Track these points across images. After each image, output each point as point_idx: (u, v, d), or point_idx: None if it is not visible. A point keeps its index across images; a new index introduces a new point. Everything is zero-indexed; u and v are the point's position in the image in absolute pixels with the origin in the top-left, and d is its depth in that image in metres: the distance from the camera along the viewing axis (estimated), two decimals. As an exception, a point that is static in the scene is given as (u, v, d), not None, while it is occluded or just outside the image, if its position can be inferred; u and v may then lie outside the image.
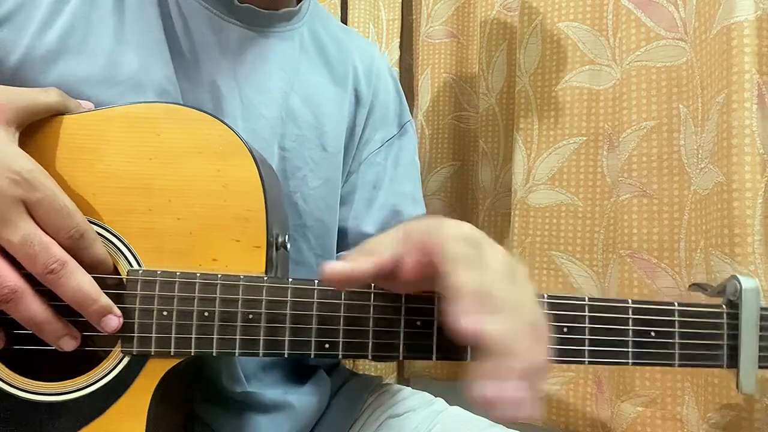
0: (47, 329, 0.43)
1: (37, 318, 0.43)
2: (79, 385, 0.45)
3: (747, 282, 0.51)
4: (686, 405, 0.75)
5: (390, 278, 0.43)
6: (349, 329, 0.46)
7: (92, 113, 0.48)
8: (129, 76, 0.54)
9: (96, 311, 0.44)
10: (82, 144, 0.46)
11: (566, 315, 0.47)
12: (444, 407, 0.70)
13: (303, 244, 0.65)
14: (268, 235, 0.47)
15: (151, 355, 0.46)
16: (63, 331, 0.44)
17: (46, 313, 0.43)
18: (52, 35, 0.53)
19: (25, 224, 0.42)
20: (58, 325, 0.44)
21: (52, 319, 0.43)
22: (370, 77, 0.73)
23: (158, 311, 0.45)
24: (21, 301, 0.42)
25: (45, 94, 0.47)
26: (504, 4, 1.02)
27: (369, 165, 0.71)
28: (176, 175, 0.47)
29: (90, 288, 0.44)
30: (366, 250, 0.44)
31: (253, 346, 0.46)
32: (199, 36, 0.59)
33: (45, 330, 0.43)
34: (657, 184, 0.80)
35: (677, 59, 0.79)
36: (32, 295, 0.43)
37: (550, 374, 0.90)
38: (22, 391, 0.45)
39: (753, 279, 0.52)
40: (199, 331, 0.45)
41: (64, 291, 0.43)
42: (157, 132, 0.47)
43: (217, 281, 0.46)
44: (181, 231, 0.47)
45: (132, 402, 0.45)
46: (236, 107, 0.60)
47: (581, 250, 0.89)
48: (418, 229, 0.42)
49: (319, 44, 0.69)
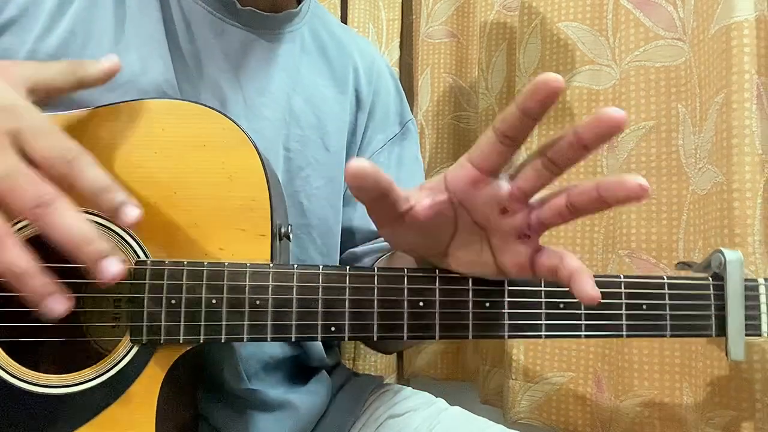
0: (30, 283, 0.37)
1: (17, 265, 0.37)
2: (88, 376, 0.45)
3: (731, 254, 0.54)
4: (685, 405, 0.75)
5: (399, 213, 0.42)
6: (354, 311, 0.47)
7: (98, 109, 0.49)
8: (129, 79, 0.55)
9: (93, 251, 0.38)
10: (88, 139, 0.46)
11: (562, 292, 0.49)
12: (445, 407, 0.71)
13: (308, 244, 0.65)
14: (272, 224, 0.48)
15: (161, 343, 0.46)
16: (50, 286, 0.38)
17: (29, 263, 0.37)
18: (53, 40, 0.54)
19: (9, 157, 0.37)
20: (43, 279, 0.37)
21: (36, 272, 0.37)
22: (371, 77, 0.73)
23: (167, 299, 0.46)
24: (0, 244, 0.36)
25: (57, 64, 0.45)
26: (504, 4, 1.02)
27: None
28: (181, 167, 0.48)
29: (85, 226, 0.38)
30: None
31: (261, 331, 0.46)
32: (201, 39, 0.60)
33: (27, 284, 0.37)
34: (656, 184, 0.80)
35: (676, 59, 0.79)
36: (14, 240, 0.37)
37: (550, 373, 0.90)
38: (29, 383, 0.45)
39: (736, 252, 0.55)
40: (208, 318, 0.46)
41: (55, 229, 0.37)
42: (161, 126, 0.48)
43: (224, 268, 0.46)
44: (187, 222, 0.47)
45: (142, 391, 0.46)
46: (239, 109, 0.60)
47: (581, 250, 0.90)
48: None
49: (320, 44, 0.69)
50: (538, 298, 0.48)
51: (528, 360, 0.91)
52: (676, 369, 0.77)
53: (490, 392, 1.01)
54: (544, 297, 0.49)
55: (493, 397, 1.00)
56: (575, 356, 0.88)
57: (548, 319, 0.49)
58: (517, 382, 0.92)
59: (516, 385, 0.92)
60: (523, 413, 0.91)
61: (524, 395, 0.91)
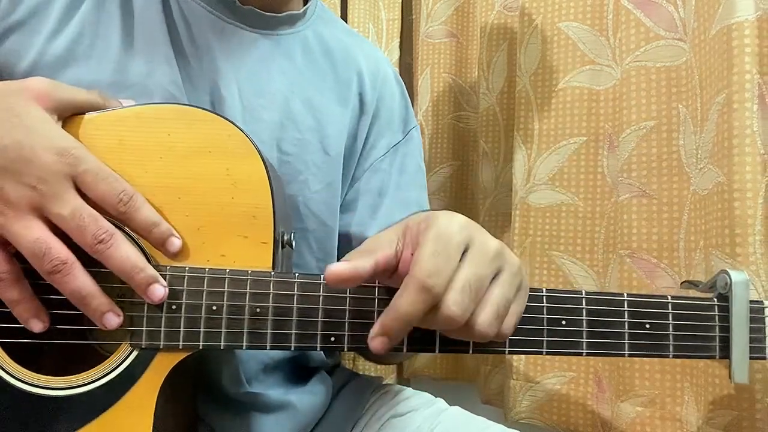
0: (92, 303, 0.44)
1: (84, 290, 0.43)
2: (87, 379, 0.46)
3: (737, 276, 0.53)
4: (686, 405, 0.75)
5: (391, 274, 0.45)
6: (355, 322, 0.47)
7: (105, 114, 0.49)
8: (136, 81, 0.55)
9: (143, 279, 0.45)
10: (95, 144, 0.46)
11: (565, 308, 0.49)
12: (445, 407, 0.70)
13: (305, 248, 0.65)
14: (275, 232, 0.48)
15: (160, 348, 0.46)
16: (108, 306, 0.44)
17: (93, 286, 0.44)
18: (61, 42, 0.54)
19: (74, 198, 0.43)
20: (103, 299, 0.44)
21: (98, 293, 0.44)
22: (376, 82, 0.72)
23: (167, 305, 0.46)
24: (70, 273, 0.43)
25: (88, 92, 0.48)
26: (504, 4, 1.02)
27: (374, 171, 0.71)
28: (186, 173, 0.48)
29: (137, 257, 0.45)
30: (367, 247, 0.45)
31: (261, 339, 0.46)
32: (201, 39, 0.60)
33: (90, 304, 0.44)
34: (657, 184, 0.80)
35: (676, 59, 0.79)
36: (80, 267, 0.43)
37: (551, 373, 0.90)
38: (28, 384, 0.45)
39: (742, 272, 0.54)
40: (208, 325, 0.46)
41: (112, 261, 0.44)
42: (167, 132, 0.48)
43: (225, 275, 0.46)
44: (190, 228, 0.47)
45: (140, 396, 0.46)
46: (236, 109, 0.60)
47: (581, 250, 0.90)
48: (415, 223, 0.44)
49: (324, 48, 0.69)
50: (539, 314, 0.48)
51: (529, 360, 0.91)
52: (677, 369, 0.77)
53: (491, 392, 1.01)
54: (546, 314, 0.48)
55: (493, 397, 1.00)
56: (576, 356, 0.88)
57: (549, 336, 0.48)
58: (517, 382, 0.92)
59: (517, 385, 0.92)
60: (524, 413, 0.91)
61: (525, 395, 0.91)
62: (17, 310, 0.44)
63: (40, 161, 0.42)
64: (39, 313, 0.45)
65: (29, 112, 0.44)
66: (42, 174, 0.42)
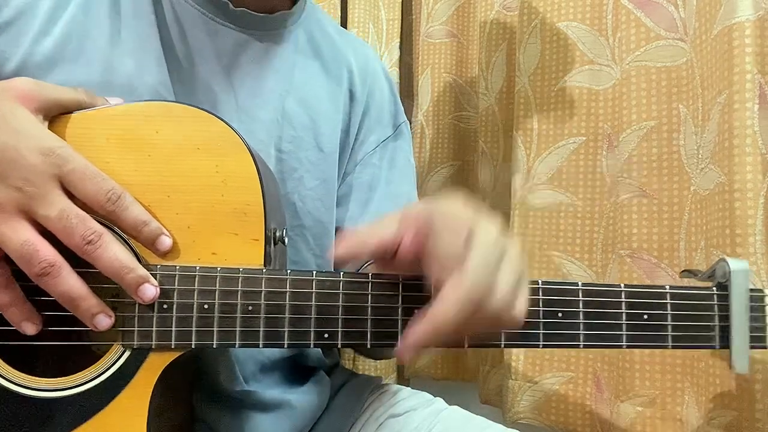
0: (82, 305, 0.43)
1: (73, 292, 0.43)
2: (80, 380, 0.45)
3: (736, 264, 0.52)
4: (686, 405, 0.75)
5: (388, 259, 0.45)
6: (348, 318, 0.46)
7: (92, 112, 0.48)
8: (124, 81, 0.55)
9: (133, 279, 0.44)
10: (82, 143, 0.46)
11: (560, 300, 0.48)
12: (444, 407, 0.71)
13: (302, 245, 0.65)
14: (266, 229, 0.48)
15: (152, 348, 0.46)
16: (98, 307, 0.44)
17: (83, 288, 0.43)
18: (48, 43, 0.54)
19: (61, 199, 0.42)
20: (93, 301, 0.44)
21: (88, 295, 0.43)
22: (365, 78, 0.73)
23: (158, 304, 0.46)
24: (59, 275, 0.42)
25: (74, 91, 0.48)
26: (504, 4, 1.02)
27: (364, 166, 0.72)
28: (175, 171, 0.47)
29: (126, 257, 0.44)
30: (367, 229, 0.45)
31: (253, 337, 0.46)
32: (194, 40, 0.60)
33: (80, 306, 0.43)
34: (657, 184, 0.80)
35: (677, 59, 0.79)
36: (69, 269, 0.43)
37: (550, 373, 0.90)
38: (19, 386, 0.45)
39: (742, 261, 0.53)
40: (200, 324, 0.46)
41: (101, 261, 0.43)
42: (156, 129, 0.48)
43: (216, 274, 0.46)
44: (180, 226, 0.47)
45: (133, 396, 0.45)
46: (231, 111, 0.60)
47: (581, 250, 0.89)
48: (415, 208, 0.45)
49: (315, 45, 0.69)
50: (535, 307, 0.48)
51: (528, 360, 0.91)
52: (678, 369, 0.77)
53: (490, 392, 1.01)
54: (542, 306, 0.48)
55: (492, 396, 1.00)
56: (575, 356, 0.88)
57: (546, 329, 0.48)
58: (516, 382, 0.92)
59: (516, 385, 0.92)
60: (522, 413, 0.91)
61: (524, 395, 0.91)
62: (8, 314, 0.44)
63: (25, 162, 0.42)
64: (31, 316, 0.44)
65: (14, 113, 0.43)
66: (27, 175, 0.42)
